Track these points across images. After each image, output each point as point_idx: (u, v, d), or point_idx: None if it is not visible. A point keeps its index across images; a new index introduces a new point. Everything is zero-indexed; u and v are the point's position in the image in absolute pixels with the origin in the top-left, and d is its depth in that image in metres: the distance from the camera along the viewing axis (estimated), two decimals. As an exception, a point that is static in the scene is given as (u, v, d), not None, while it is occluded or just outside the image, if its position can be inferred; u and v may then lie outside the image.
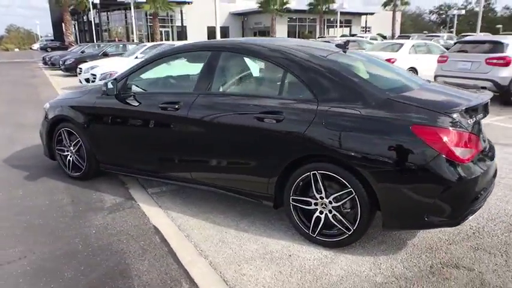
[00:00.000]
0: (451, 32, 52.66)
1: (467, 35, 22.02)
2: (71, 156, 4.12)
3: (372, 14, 49.72)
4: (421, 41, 14.05)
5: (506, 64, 7.90)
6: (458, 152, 2.36)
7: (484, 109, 2.70)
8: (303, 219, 2.83)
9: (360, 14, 49.45)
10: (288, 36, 42.99)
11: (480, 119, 2.67)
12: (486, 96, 2.77)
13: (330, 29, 47.75)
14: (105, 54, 16.62)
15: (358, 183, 2.52)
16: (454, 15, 41.50)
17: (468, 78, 8.29)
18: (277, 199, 2.91)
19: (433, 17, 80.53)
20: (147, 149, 3.49)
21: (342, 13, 39.90)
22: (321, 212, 2.73)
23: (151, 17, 36.10)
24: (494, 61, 8.02)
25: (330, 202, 2.67)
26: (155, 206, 3.50)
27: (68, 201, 3.64)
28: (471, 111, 2.54)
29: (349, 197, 2.59)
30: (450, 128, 2.37)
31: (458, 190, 2.38)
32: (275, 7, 36.50)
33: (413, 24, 71.95)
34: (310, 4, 41.11)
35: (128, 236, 2.97)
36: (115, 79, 3.53)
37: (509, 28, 54.83)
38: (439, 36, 26.33)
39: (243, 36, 43.08)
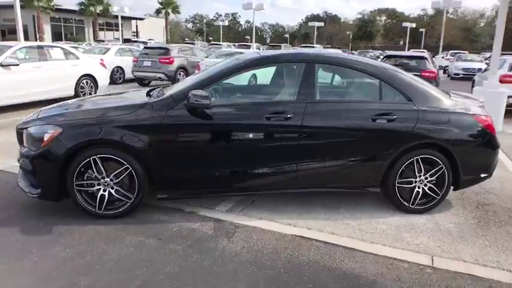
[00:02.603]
0: (210, 39, 59.57)
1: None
2: (105, 190, 3.26)
3: (141, 19, 50.20)
4: (125, 46, 18.04)
5: (170, 63, 12.92)
6: (495, 129, 3.73)
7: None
8: (403, 196, 3.60)
9: (130, 19, 48.96)
10: (54, 38, 37.88)
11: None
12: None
13: (100, 32, 45.19)
14: None
15: (446, 160, 3.54)
16: (219, 25, 47.33)
17: (151, 72, 13.07)
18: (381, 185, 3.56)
19: (189, 25, 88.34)
20: (243, 162, 3.35)
21: (113, 17, 38.51)
22: (418, 187, 3.59)
23: None
24: (164, 60, 12.91)
25: (426, 178, 3.57)
26: (256, 219, 3.40)
27: (155, 241, 3.00)
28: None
29: (439, 172, 3.56)
30: (488, 115, 3.72)
31: (496, 154, 3.76)
32: (40, 3, 31.57)
33: (175, 31, 76.78)
34: (81, 4, 37.63)
35: (290, 249, 2.94)
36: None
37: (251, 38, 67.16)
38: (220, 44, 29.90)
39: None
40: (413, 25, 44.19)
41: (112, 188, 3.28)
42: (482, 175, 3.73)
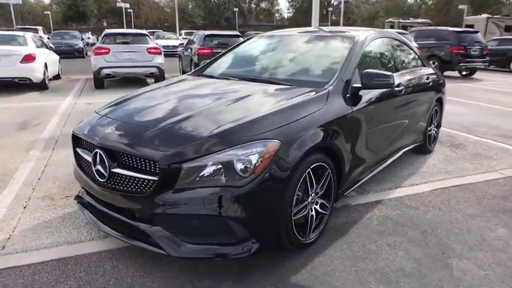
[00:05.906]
0: None
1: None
2: (311, 210, 2.53)
3: None
4: None
5: None
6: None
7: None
8: (428, 141, 4.61)
9: None
10: None
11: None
12: None
13: None
14: None
15: (440, 107, 4.79)
16: None
17: None
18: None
19: None
20: (389, 135, 3.51)
21: None
22: (432, 132, 4.69)
23: None
24: None
25: (434, 123, 4.71)
26: (388, 190, 3.56)
27: (390, 239, 2.70)
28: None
29: (438, 117, 4.78)
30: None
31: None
32: None
33: None
34: None
35: (468, 196, 3.46)
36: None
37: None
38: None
39: None
40: (128, 5, 43.42)
41: (316, 204, 2.58)
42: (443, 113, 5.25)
